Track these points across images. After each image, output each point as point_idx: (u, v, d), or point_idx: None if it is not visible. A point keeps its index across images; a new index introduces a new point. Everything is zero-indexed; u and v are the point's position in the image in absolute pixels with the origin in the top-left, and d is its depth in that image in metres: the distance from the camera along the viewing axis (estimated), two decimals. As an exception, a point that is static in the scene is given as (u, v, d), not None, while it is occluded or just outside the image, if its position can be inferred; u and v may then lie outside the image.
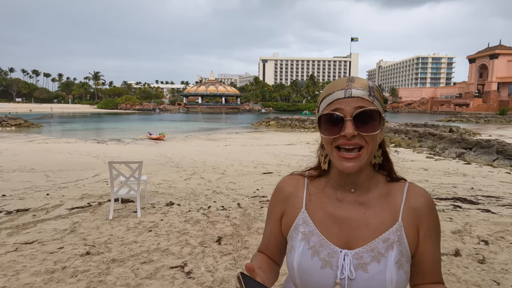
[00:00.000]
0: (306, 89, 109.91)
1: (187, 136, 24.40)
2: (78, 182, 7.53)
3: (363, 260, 0.83)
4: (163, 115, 71.80)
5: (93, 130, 30.75)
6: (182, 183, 7.59)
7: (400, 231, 0.85)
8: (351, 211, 0.88)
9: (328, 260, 0.85)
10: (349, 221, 0.88)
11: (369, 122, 0.82)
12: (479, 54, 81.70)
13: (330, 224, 0.89)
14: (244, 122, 44.33)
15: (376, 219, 0.87)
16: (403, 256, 0.84)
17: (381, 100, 0.88)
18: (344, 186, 0.91)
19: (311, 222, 0.90)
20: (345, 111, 0.82)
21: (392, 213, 0.87)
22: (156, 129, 27.41)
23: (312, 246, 0.87)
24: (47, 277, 3.16)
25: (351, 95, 0.83)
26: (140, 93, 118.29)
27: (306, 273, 0.86)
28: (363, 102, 0.83)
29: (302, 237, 0.89)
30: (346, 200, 0.90)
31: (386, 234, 0.84)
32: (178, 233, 4.42)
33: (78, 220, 4.85)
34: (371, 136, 0.83)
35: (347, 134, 0.81)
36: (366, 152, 0.83)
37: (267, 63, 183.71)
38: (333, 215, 0.89)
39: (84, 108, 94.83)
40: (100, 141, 19.57)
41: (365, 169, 0.89)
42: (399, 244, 0.84)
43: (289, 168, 9.81)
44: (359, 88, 0.84)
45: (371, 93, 0.85)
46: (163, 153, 13.24)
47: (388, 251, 0.83)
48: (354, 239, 0.86)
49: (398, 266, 0.82)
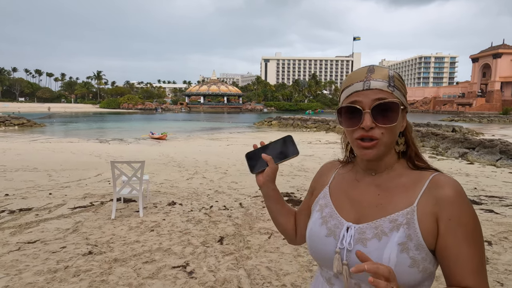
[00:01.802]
0: (308, 89, 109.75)
1: (189, 136, 24.43)
2: (80, 182, 7.55)
3: (365, 235, 0.85)
4: (165, 114, 71.91)
5: (96, 129, 30.84)
6: (184, 183, 7.60)
7: (412, 215, 0.82)
8: (365, 191, 0.92)
9: (333, 230, 0.90)
10: (362, 199, 0.92)
11: (387, 114, 0.84)
12: (482, 54, 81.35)
13: (343, 200, 0.95)
14: (246, 122, 44.32)
15: (388, 201, 0.87)
16: (411, 241, 0.80)
17: (402, 88, 0.88)
18: (365, 170, 0.95)
19: (328, 196, 0.99)
20: (363, 103, 0.85)
21: (408, 197, 0.85)
22: (158, 128, 27.44)
23: (324, 216, 0.95)
24: (50, 276, 3.16)
25: (369, 87, 0.85)
26: (143, 92, 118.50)
27: (313, 240, 0.93)
28: (381, 93, 0.85)
29: (318, 208, 0.98)
30: (363, 181, 0.94)
31: (395, 216, 0.84)
32: (180, 232, 4.42)
33: (81, 220, 4.87)
34: (388, 127, 0.84)
35: (365, 127, 0.84)
36: (383, 142, 0.85)
37: (269, 62, 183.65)
38: (348, 192, 0.96)
39: (86, 107, 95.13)
40: (103, 141, 19.62)
41: (387, 156, 0.90)
42: (407, 227, 0.81)
43: (291, 167, 9.79)
44: (378, 79, 0.86)
45: (391, 84, 0.86)
46: (165, 153, 13.25)
47: (392, 231, 0.82)
48: (362, 216, 0.89)
49: (401, 249, 0.80)
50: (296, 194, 6.57)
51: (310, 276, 3.27)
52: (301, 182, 7.75)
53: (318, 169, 1.11)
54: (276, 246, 4.02)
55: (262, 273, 3.33)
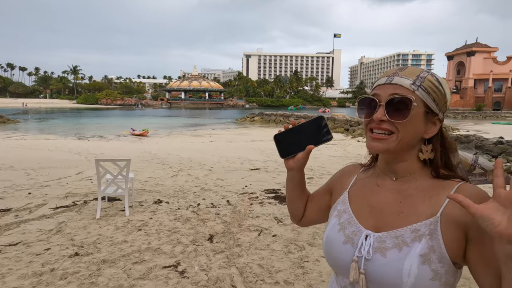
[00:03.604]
0: (290, 85, 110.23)
1: (171, 132, 24.09)
2: (61, 180, 7.31)
3: (384, 244, 0.82)
4: (145, 110, 70.56)
5: (74, 126, 29.92)
6: (169, 180, 7.49)
7: (435, 226, 0.79)
8: (386, 198, 0.90)
9: (351, 237, 0.88)
10: (382, 206, 0.89)
11: (400, 110, 0.82)
12: (457, 52, 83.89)
13: (363, 206, 0.93)
14: (228, 118, 44.10)
15: (410, 210, 0.84)
16: (434, 253, 0.77)
17: (434, 93, 0.84)
18: (386, 174, 0.93)
19: (347, 202, 0.96)
20: (381, 96, 0.85)
21: (431, 207, 0.82)
22: (139, 125, 26.90)
23: (341, 222, 0.92)
24: (35, 280, 3.06)
25: (391, 82, 0.85)
26: (122, 88, 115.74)
27: (330, 246, 0.91)
28: (400, 89, 0.83)
29: (336, 214, 0.96)
30: (385, 187, 0.91)
31: (417, 225, 0.81)
32: (168, 231, 4.36)
33: (64, 220, 4.72)
34: (401, 124, 0.82)
35: (375, 119, 0.84)
36: (395, 138, 0.83)
37: (251, 58, 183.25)
38: (368, 198, 0.93)
39: (63, 103, 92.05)
40: (82, 137, 19.06)
41: (406, 160, 0.88)
42: (429, 238, 0.78)
43: (275, 163, 9.82)
44: (403, 76, 0.85)
45: (416, 83, 0.83)
46: (148, 150, 13.02)
47: (414, 242, 0.79)
48: (382, 224, 0.86)
49: (422, 260, 0.77)
50: (283, 190, 6.60)
51: (302, 273, 3.30)
52: (287, 179, 7.80)
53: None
54: (266, 243, 4.03)
55: (254, 270, 3.34)
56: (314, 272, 3.31)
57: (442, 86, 0.86)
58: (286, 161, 0.99)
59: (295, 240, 4.11)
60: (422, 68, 0.88)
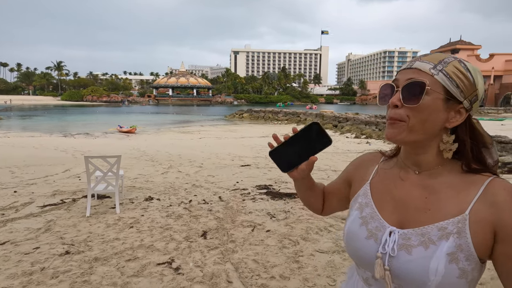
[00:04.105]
0: (278, 82, 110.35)
1: (159, 129, 23.85)
2: (47, 178, 7.14)
3: (410, 242, 0.79)
4: (132, 107, 69.63)
5: (58, 123, 29.30)
6: (160, 177, 7.41)
7: (463, 224, 0.76)
8: (411, 192, 0.85)
9: (374, 232, 0.85)
10: (407, 201, 0.85)
11: (414, 94, 0.78)
12: (442, 49, 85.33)
13: (387, 200, 0.89)
14: (217, 114, 43.91)
15: (437, 206, 0.81)
16: (461, 252, 0.75)
17: (458, 78, 0.78)
18: (409, 166, 0.88)
19: (369, 195, 0.93)
20: (399, 81, 0.82)
21: (459, 204, 0.79)
22: (126, 121, 26.53)
23: (363, 217, 0.90)
24: (25, 279, 2.97)
25: (411, 67, 0.82)
26: (107, 84, 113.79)
27: (352, 239, 0.89)
28: (418, 74, 0.79)
29: (358, 207, 0.93)
30: (409, 181, 0.87)
31: (444, 223, 0.78)
32: (161, 228, 4.31)
33: (53, 218, 4.61)
34: (412, 109, 0.78)
35: (390, 103, 0.82)
36: (407, 124, 0.79)
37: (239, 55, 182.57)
38: (391, 192, 0.89)
39: (47, 100, 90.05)
40: (67, 135, 18.70)
41: (427, 151, 0.84)
42: (457, 237, 0.76)
43: (266, 160, 9.82)
44: (425, 61, 0.80)
45: (437, 67, 0.78)
46: (136, 147, 12.85)
47: (441, 240, 0.76)
48: (407, 220, 0.83)
49: (450, 259, 0.75)
50: (274, 186, 6.60)
51: (297, 267, 3.30)
52: (278, 174, 7.79)
53: None
54: (260, 238, 4.02)
55: (249, 266, 3.32)
56: (309, 267, 3.32)
57: (470, 73, 0.79)
58: (290, 173, 0.94)
59: (289, 235, 4.11)
60: (450, 55, 0.82)
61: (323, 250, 3.70)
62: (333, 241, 3.93)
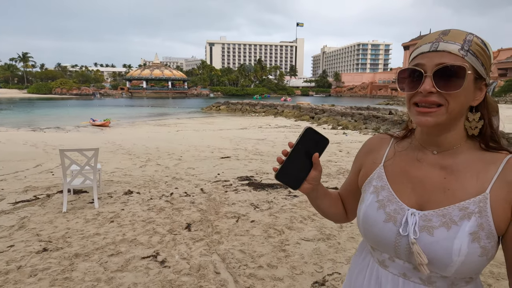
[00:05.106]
0: (254, 74, 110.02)
1: (134, 122, 23.25)
2: (18, 174, 6.80)
3: (431, 223, 0.78)
4: (105, 100, 67.41)
5: (26, 116, 27.94)
6: (138, 171, 7.23)
7: (484, 203, 0.76)
8: (429, 173, 0.84)
9: (393, 215, 0.84)
10: (425, 182, 0.84)
11: (451, 79, 0.75)
12: (412, 42, 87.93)
13: (403, 182, 0.87)
14: (193, 107, 43.29)
15: (457, 186, 0.80)
16: (483, 231, 0.75)
17: (481, 56, 0.77)
18: (426, 147, 0.87)
19: (384, 178, 0.90)
20: (426, 66, 0.77)
21: (479, 183, 0.78)
22: (99, 115, 25.64)
23: (380, 200, 0.87)
24: (2, 278, 2.82)
25: (437, 49, 0.77)
26: (77, 76, 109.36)
27: (369, 224, 0.87)
28: (449, 57, 0.76)
29: (373, 190, 0.90)
30: (426, 161, 0.86)
31: (465, 203, 0.77)
32: (143, 222, 4.21)
33: (26, 215, 4.40)
34: (451, 95, 0.75)
35: (423, 91, 0.76)
36: (445, 110, 0.77)
37: (214, 46, 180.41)
38: (408, 173, 0.87)
39: (11, 93, 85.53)
40: (36, 129, 17.86)
41: (451, 131, 0.82)
42: (479, 216, 0.75)
43: (246, 151, 9.79)
44: (449, 41, 0.77)
45: (464, 47, 0.76)
46: (111, 140, 12.46)
47: (462, 220, 0.76)
48: (427, 201, 0.82)
49: (472, 238, 0.75)
50: (256, 177, 6.60)
51: (284, 256, 3.32)
52: (258, 166, 7.80)
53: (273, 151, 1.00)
54: (245, 229, 4.01)
55: (236, 256, 3.31)
56: (296, 255, 3.34)
57: (487, 48, 0.79)
58: (302, 187, 0.90)
59: (273, 225, 4.12)
60: (465, 30, 0.80)
61: (308, 238, 3.74)
62: (318, 229, 3.97)
